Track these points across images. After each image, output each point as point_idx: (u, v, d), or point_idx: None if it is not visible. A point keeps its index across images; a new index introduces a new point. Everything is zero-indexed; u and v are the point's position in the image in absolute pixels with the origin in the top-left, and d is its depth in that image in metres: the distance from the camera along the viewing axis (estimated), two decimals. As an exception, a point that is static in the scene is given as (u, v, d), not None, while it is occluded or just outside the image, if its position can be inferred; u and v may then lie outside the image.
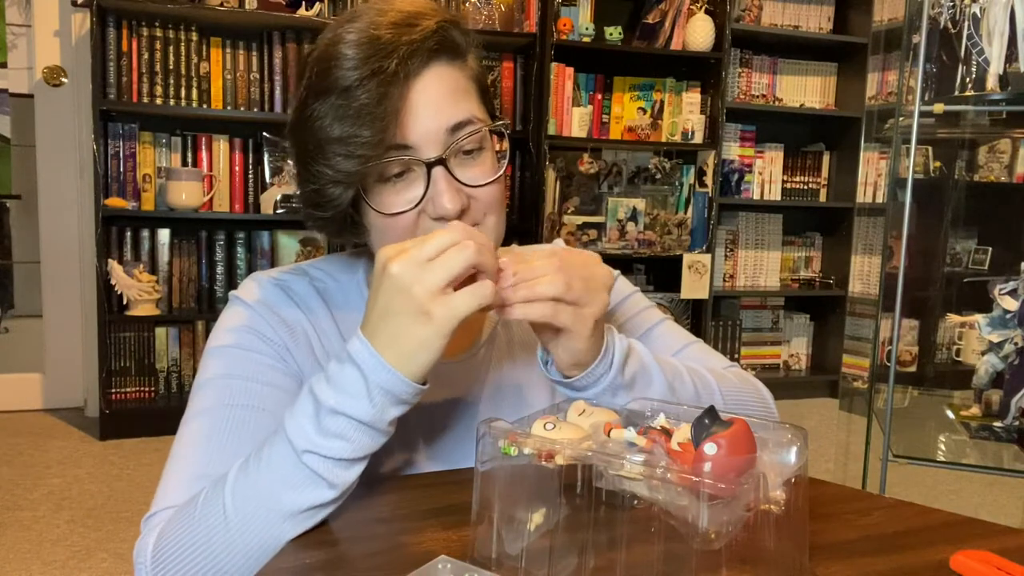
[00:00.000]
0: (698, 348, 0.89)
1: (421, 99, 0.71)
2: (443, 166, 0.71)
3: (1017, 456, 2.49)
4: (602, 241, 3.42)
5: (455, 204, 0.70)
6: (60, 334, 3.18)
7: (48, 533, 2.13)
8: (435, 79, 0.72)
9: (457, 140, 0.72)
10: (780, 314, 3.95)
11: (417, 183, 0.71)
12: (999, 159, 3.66)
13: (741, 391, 0.82)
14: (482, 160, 0.74)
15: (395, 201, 0.72)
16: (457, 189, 0.72)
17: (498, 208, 0.76)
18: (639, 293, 0.94)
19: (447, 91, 0.72)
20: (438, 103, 0.71)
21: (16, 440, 2.87)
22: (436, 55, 0.72)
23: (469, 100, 0.74)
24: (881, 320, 3.25)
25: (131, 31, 2.90)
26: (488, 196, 0.74)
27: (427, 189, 0.71)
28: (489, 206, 0.75)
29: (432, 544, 0.58)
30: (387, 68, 0.68)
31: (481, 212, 0.74)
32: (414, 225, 0.72)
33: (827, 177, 3.84)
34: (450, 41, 0.73)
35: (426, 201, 0.71)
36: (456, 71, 0.74)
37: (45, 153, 3.12)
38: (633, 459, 0.50)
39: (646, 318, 0.91)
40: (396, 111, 0.69)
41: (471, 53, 0.77)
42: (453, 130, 0.71)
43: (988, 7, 2.07)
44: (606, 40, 3.28)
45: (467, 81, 0.75)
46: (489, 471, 0.55)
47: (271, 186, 3.11)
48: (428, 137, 0.71)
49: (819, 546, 0.60)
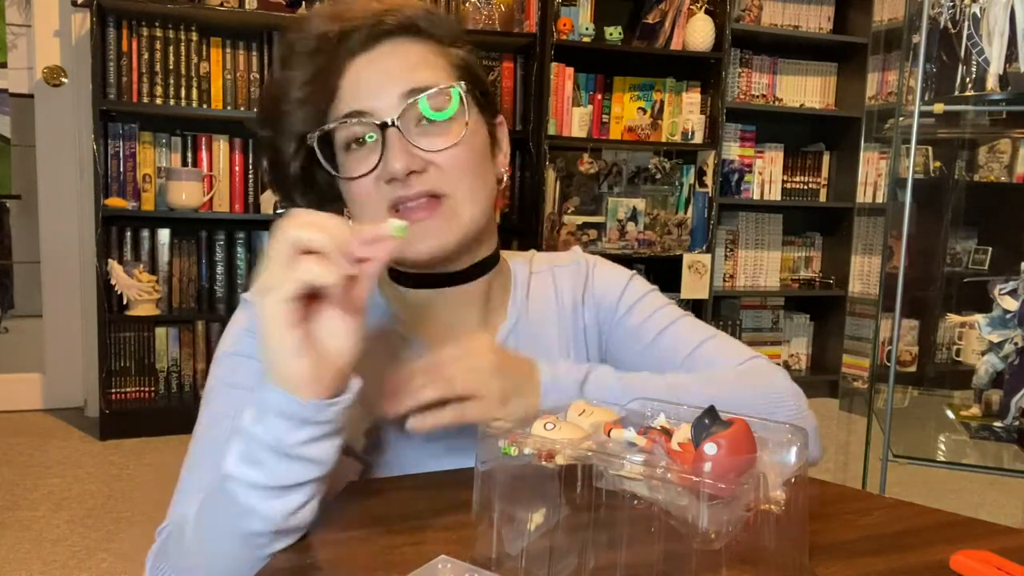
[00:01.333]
0: (714, 344, 0.85)
1: (374, 67, 0.73)
2: (396, 128, 0.71)
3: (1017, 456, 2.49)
4: (602, 241, 3.42)
5: (402, 163, 0.70)
6: (60, 334, 3.18)
7: (48, 533, 2.13)
8: (392, 50, 0.74)
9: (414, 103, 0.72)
10: (780, 314, 3.95)
11: (376, 151, 0.73)
12: (999, 159, 3.66)
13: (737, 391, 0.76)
14: (448, 129, 0.74)
15: (355, 167, 0.74)
16: (407, 151, 0.72)
17: (469, 178, 0.75)
18: (654, 292, 0.91)
19: (404, 61, 0.74)
20: (391, 70, 0.73)
21: (16, 440, 2.87)
22: (395, 32, 0.74)
23: (434, 71, 0.75)
24: (881, 320, 3.25)
25: (131, 31, 2.90)
26: (452, 162, 0.73)
27: (382, 154, 0.72)
28: (456, 175, 0.74)
29: (432, 544, 0.58)
30: (333, 32, 0.72)
31: (447, 181, 0.74)
32: (374, 191, 0.73)
33: (827, 177, 3.84)
34: (412, 24, 0.75)
35: (381, 164, 0.72)
36: (419, 46, 0.75)
37: (45, 153, 3.11)
38: (633, 459, 0.50)
39: (660, 319, 0.87)
40: (338, 66, 0.72)
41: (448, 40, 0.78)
42: (408, 95, 0.72)
43: (988, 7, 2.07)
44: (606, 40, 3.28)
45: (435, 58, 0.76)
46: (489, 471, 0.55)
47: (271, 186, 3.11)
48: (382, 102, 0.72)
49: (819, 546, 0.60)
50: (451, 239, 0.75)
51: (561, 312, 0.88)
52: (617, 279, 0.89)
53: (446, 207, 0.74)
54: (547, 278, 0.89)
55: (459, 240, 0.75)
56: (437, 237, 0.74)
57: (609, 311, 0.88)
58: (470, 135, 0.75)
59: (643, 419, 0.58)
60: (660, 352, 0.84)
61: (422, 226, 0.73)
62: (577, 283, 0.89)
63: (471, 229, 0.76)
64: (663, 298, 0.91)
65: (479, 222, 0.77)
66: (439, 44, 0.77)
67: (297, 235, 0.53)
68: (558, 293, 0.88)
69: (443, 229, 0.74)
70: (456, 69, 0.77)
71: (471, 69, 0.79)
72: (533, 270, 0.90)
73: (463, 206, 0.74)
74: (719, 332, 0.87)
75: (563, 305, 0.88)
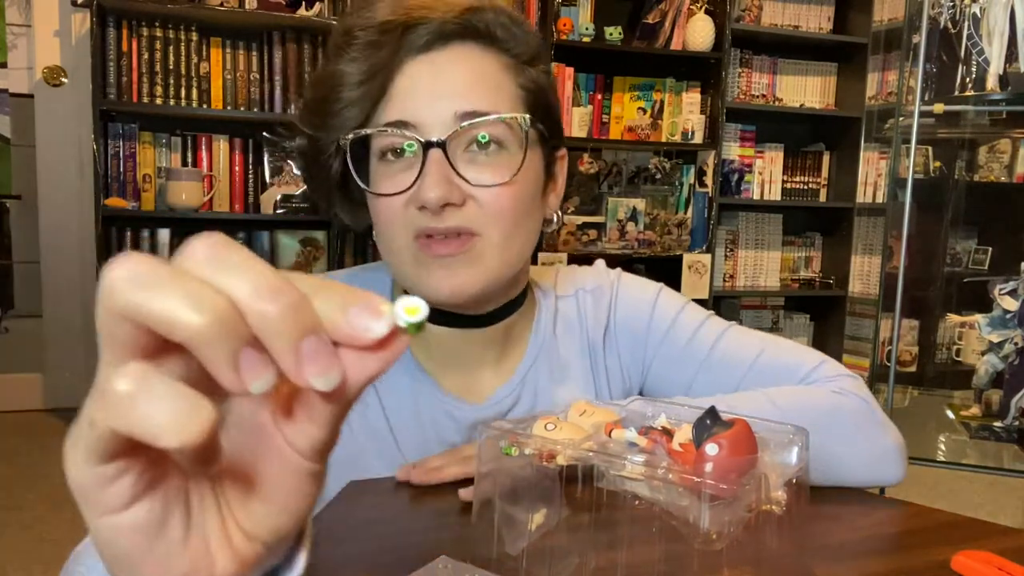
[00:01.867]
0: (772, 354, 0.77)
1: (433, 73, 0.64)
2: (442, 150, 0.63)
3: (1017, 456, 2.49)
4: (602, 241, 3.42)
5: (438, 191, 0.62)
6: (60, 334, 3.18)
7: (48, 533, 2.13)
8: (457, 57, 0.65)
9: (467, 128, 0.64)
10: (780, 314, 3.95)
11: (414, 168, 0.64)
12: (999, 159, 3.66)
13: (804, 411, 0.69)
14: (499, 161, 0.65)
15: (387, 183, 0.66)
16: (447, 179, 0.63)
17: (507, 223, 0.66)
18: (689, 306, 0.82)
19: (469, 74, 0.65)
20: (451, 82, 0.65)
21: (16, 440, 2.86)
22: (465, 34, 0.65)
23: (500, 94, 0.66)
24: (881, 320, 3.25)
25: (131, 31, 2.90)
26: (494, 203, 0.65)
27: (420, 174, 0.64)
28: (494, 216, 0.65)
29: (432, 544, 0.58)
30: (397, 22, 0.63)
31: (484, 221, 0.65)
32: (402, 215, 0.65)
33: (827, 177, 3.84)
34: (488, 31, 0.66)
35: (416, 186, 0.64)
36: (490, 60, 0.66)
37: (45, 153, 3.11)
38: (634, 459, 0.50)
39: (707, 334, 0.79)
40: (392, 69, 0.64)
41: (525, 56, 0.69)
42: (464, 117, 0.64)
43: (988, 7, 2.07)
44: (606, 40, 3.28)
45: (505, 77, 0.67)
46: (489, 471, 0.55)
47: (271, 186, 3.11)
48: (432, 118, 0.64)
49: (820, 546, 0.60)
50: (474, 285, 0.67)
51: (584, 346, 0.81)
52: (643, 305, 0.81)
53: (476, 249, 0.66)
54: (572, 305, 0.82)
55: (483, 288, 0.67)
56: (459, 279, 0.66)
57: (640, 344, 0.81)
58: (523, 174, 0.66)
59: (644, 419, 0.58)
60: (717, 367, 0.77)
61: (444, 263, 0.65)
62: (600, 312, 0.82)
63: (500, 277, 0.68)
64: (701, 309, 0.83)
65: (511, 270, 0.69)
66: (514, 60, 0.68)
67: (133, 297, 0.24)
68: (583, 324, 0.81)
69: (467, 273, 0.66)
70: (526, 94, 0.68)
71: (542, 95, 0.70)
72: (559, 293, 0.83)
73: (495, 251, 0.66)
74: (768, 335, 0.80)
75: (589, 338, 0.81)
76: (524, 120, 0.66)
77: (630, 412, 0.60)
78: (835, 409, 0.71)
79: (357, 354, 0.27)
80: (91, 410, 0.25)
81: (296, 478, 0.29)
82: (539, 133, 0.69)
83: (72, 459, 0.26)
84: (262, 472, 0.29)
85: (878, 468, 0.72)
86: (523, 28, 0.69)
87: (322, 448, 0.29)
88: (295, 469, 0.29)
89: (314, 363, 0.25)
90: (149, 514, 0.27)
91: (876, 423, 0.72)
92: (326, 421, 0.28)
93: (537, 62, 0.70)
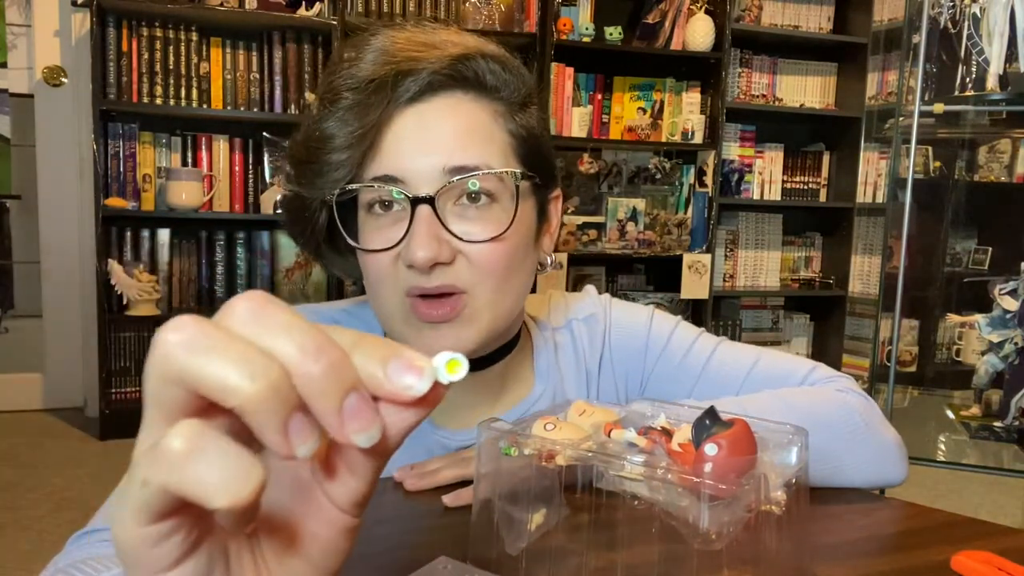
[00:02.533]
0: (766, 364, 0.78)
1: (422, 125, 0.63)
2: (430, 205, 0.62)
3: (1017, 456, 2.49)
4: (602, 241, 3.42)
5: (427, 251, 0.60)
6: (60, 334, 3.18)
7: (48, 533, 2.13)
8: (446, 107, 0.64)
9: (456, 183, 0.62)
10: (780, 314, 3.95)
11: (402, 222, 0.63)
12: (999, 159, 3.66)
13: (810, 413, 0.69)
14: (489, 215, 0.64)
15: (375, 238, 0.64)
16: (436, 236, 0.62)
17: (498, 279, 0.65)
18: (681, 326, 0.82)
19: (458, 126, 0.64)
20: (440, 135, 0.63)
21: (16, 440, 2.87)
22: (454, 84, 0.64)
23: (489, 145, 0.64)
24: (881, 320, 3.25)
25: (131, 31, 2.90)
26: (484, 259, 0.63)
27: (408, 230, 0.62)
28: (484, 273, 0.64)
29: (432, 544, 0.58)
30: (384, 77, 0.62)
31: (474, 277, 0.64)
32: (392, 269, 0.64)
33: (827, 177, 3.84)
34: (476, 75, 0.64)
35: (404, 243, 0.63)
36: (480, 109, 0.65)
37: (45, 153, 3.11)
38: (633, 460, 0.50)
39: (700, 350, 0.80)
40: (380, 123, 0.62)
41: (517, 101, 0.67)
42: (453, 172, 0.62)
43: (988, 7, 2.07)
44: (606, 40, 3.28)
45: (495, 126, 0.65)
46: (489, 471, 0.55)
47: (271, 186, 3.11)
48: (420, 173, 0.62)
49: (819, 546, 0.60)
50: (468, 345, 0.66)
51: (582, 374, 0.82)
52: (638, 326, 0.82)
53: (465, 311, 0.65)
54: (567, 337, 0.82)
55: (474, 347, 0.67)
56: (449, 343, 0.64)
57: (637, 363, 0.82)
58: (515, 228, 0.65)
59: (643, 419, 0.58)
60: (714, 379, 0.78)
61: (435, 329, 0.65)
62: (595, 339, 0.82)
63: (491, 333, 0.68)
64: (692, 327, 0.84)
65: (503, 324, 0.68)
66: (505, 106, 0.66)
67: (187, 363, 0.24)
68: (579, 354, 0.82)
69: (457, 336, 0.65)
70: (517, 141, 0.67)
71: (534, 142, 0.68)
72: (553, 325, 0.82)
73: (484, 310, 0.65)
74: (765, 349, 0.81)
75: (586, 367, 0.82)
76: (515, 175, 0.65)
77: (630, 412, 0.60)
78: (844, 406, 0.71)
79: (396, 407, 0.27)
80: (142, 469, 0.25)
81: (334, 532, 0.29)
82: (531, 181, 0.68)
83: (120, 520, 0.26)
84: (300, 527, 0.29)
85: (884, 467, 0.72)
86: (514, 72, 0.67)
87: (362, 501, 0.29)
88: (334, 523, 0.29)
89: (356, 420, 0.25)
90: (195, 572, 0.27)
91: (880, 421, 0.74)
92: (366, 474, 0.28)
93: (528, 105, 0.69)
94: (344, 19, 2.98)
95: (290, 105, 3.07)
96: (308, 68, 3.07)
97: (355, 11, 3.06)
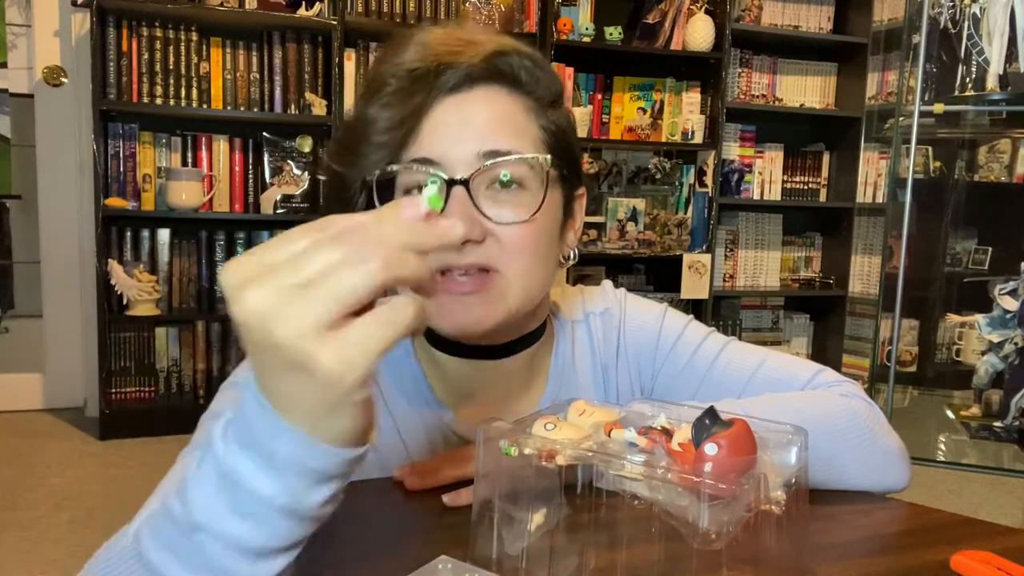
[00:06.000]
0: (771, 366, 0.80)
1: (459, 112, 0.67)
2: (465, 187, 0.65)
3: (1017, 456, 2.49)
4: (602, 241, 3.42)
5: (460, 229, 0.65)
6: (60, 334, 3.18)
7: (48, 533, 2.13)
8: (483, 98, 0.68)
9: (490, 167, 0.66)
10: (780, 314, 3.95)
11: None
12: (999, 159, 3.66)
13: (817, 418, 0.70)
14: (520, 199, 0.68)
15: None
16: (469, 216, 0.65)
17: (527, 260, 0.68)
18: (692, 326, 0.85)
19: (493, 115, 0.68)
20: (476, 122, 0.67)
21: (16, 440, 2.87)
22: (491, 78, 0.68)
23: (522, 135, 0.69)
24: (881, 320, 3.26)
25: (131, 31, 2.90)
26: (514, 240, 0.67)
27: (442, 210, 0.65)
28: (514, 253, 0.67)
29: (432, 544, 0.58)
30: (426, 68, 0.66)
31: (503, 257, 0.67)
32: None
33: (827, 177, 3.84)
34: (511, 71, 0.69)
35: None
36: (515, 102, 0.69)
37: (45, 153, 3.11)
38: (633, 459, 0.50)
39: (708, 350, 0.82)
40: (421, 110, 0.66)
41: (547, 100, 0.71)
42: (487, 156, 0.66)
43: (988, 7, 2.07)
44: (606, 40, 3.28)
45: (527, 119, 0.70)
46: (489, 471, 0.55)
47: (271, 186, 3.11)
48: (456, 157, 0.66)
49: (819, 546, 0.60)
50: (490, 321, 0.68)
51: (598, 369, 0.84)
52: (650, 323, 0.84)
53: (495, 287, 0.67)
54: (584, 330, 0.85)
55: (499, 323, 0.69)
56: (476, 316, 0.68)
57: (648, 358, 0.84)
58: (543, 213, 0.68)
59: (643, 419, 0.58)
60: (720, 379, 0.80)
61: (463, 301, 0.67)
62: (610, 333, 0.85)
63: (515, 314, 0.70)
64: (703, 326, 0.85)
65: (527, 306, 0.71)
66: (537, 103, 0.71)
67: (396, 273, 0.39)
68: (595, 349, 0.84)
69: (485, 310, 0.68)
70: (547, 135, 0.71)
71: (563, 137, 0.72)
72: (572, 318, 0.85)
73: (513, 288, 0.68)
74: (771, 351, 0.82)
75: (602, 361, 0.84)
76: (545, 160, 0.68)
77: (630, 412, 0.60)
78: (848, 411, 0.73)
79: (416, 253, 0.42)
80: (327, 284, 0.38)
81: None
82: (559, 173, 0.72)
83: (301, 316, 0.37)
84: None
85: (886, 473, 0.73)
86: (546, 72, 0.72)
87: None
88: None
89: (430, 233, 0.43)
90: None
91: (884, 427, 0.74)
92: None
93: (558, 104, 0.73)
94: (344, 19, 2.98)
95: (290, 105, 3.07)
96: (308, 68, 3.07)
97: (355, 11, 3.06)
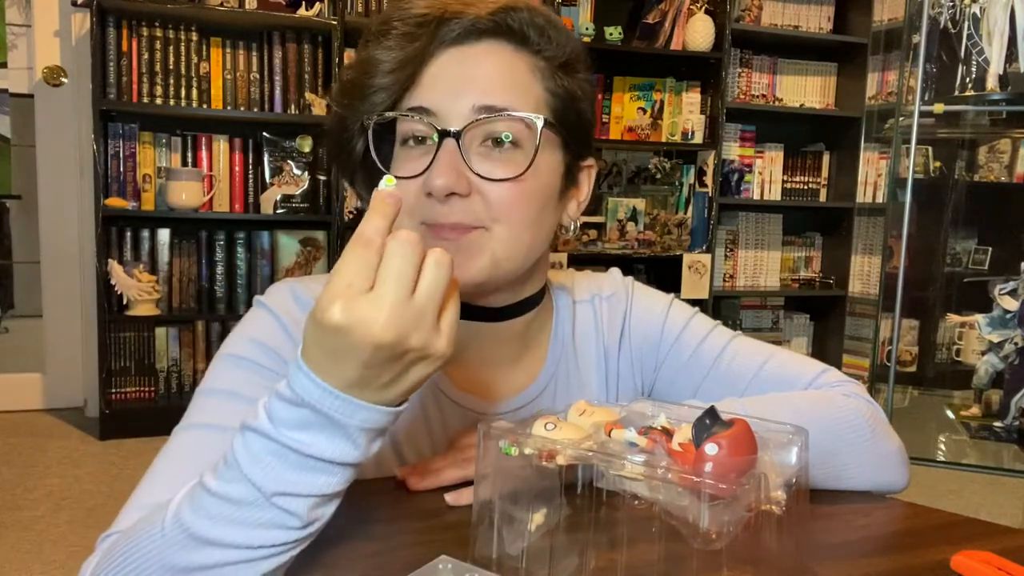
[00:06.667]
0: (776, 363, 0.79)
1: (460, 65, 0.67)
2: (456, 140, 0.65)
3: (1017, 456, 2.49)
4: (602, 241, 3.42)
5: (445, 179, 0.63)
6: (60, 334, 3.18)
7: (48, 533, 2.13)
8: (486, 53, 0.67)
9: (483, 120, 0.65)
10: (780, 314, 3.95)
11: (430, 155, 0.66)
12: (999, 159, 3.66)
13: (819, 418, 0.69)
14: (510, 159, 0.66)
15: (404, 167, 0.67)
16: (455, 168, 0.64)
17: (517, 216, 0.67)
18: (698, 318, 0.84)
19: (494, 70, 0.67)
20: (475, 75, 0.66)
21: (16, 440, 2.87)
22: (497, 32, 0.67)
23: (522, 93, 0.67)
24: (881, 320, 3.26)
25: (131, 31, 2.90)
26: (501, 196, 0.66)
27: (432, 161, 0.65)
28: (500, 211, 0.66)
29: (432, 544, 0.58)
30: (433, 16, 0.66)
31: (489, 214, 0.66)
32: (413, 200, 0.66)
33: (827, 177, 3.84)
34: (520, 27, 0.67)
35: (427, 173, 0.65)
36: (520, 60, 0.68)
37: (45, 153, 3.11)
38: (634, 459, 0.50)
39: (713, 344, 0.81)
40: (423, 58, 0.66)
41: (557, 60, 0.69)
42: (481, 110, 0.65)
43: (988, 7, 2.07)
44: (606, 40, 3.28)
45: (531, 78, 0.68)
46: (489, 471, 0.55)
47: (271, 186, 3.11)
48: (452, 108, 0.65)
49: (819, 546, 0.60)
50: (474, 272, 0.66)
51: (600, 352, 0.83)
52: (656, 312, 0.84)
53: (475, 241, 0.66)
54: (589, 311, 0.84)
55: (485, 278, 0.68)
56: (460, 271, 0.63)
57: (652, 349, 0.83)
58: (533, 174, 0.67)
59: (644, 419, 0.58)
60: (724, 374, 0.79)
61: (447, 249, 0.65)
62: (615, 318, 0.84)
63: (503, 273, 0.69)
64: (709, 319, 0.85)
65: (516, 267, 0.69)
66: (546, 63, 0.69)
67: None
68: (599, 331, 0.83)
69: (463, 265, 0.65)
70: (551, 98, 0.69)
71: (571, 102, 0.70)
72: (576, 298, 0.84)
73: (497, 247, 0.67)
74: (778, 348, 0.81)
75: (605, 345, 0.83)
76: (542, 120, 0.67)
77: (630, 412, 0.60)
78: (851, 411, 0.72)
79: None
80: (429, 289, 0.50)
81: None
82: (560, 136, 0.70)
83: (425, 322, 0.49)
84: None
85: (886, 474, 0.73)
86: (560, 31, 0.70)
87: None
88: None
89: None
90: None
91: (886, 428, 0.74)
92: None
93: (574, 68, 0.71)
94: (344, 19, 2.98)
95: (290, 105, 3.07)
96: (308, 68, 3.06)
97: (355, 11, 3.06)
